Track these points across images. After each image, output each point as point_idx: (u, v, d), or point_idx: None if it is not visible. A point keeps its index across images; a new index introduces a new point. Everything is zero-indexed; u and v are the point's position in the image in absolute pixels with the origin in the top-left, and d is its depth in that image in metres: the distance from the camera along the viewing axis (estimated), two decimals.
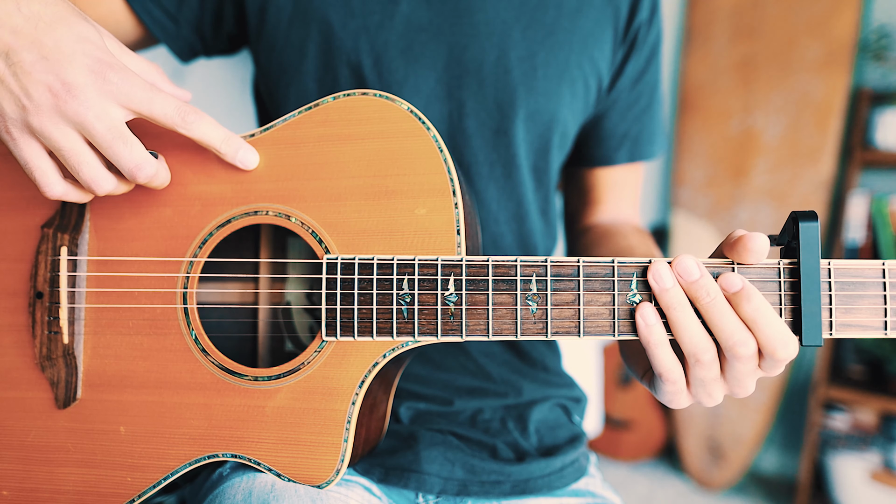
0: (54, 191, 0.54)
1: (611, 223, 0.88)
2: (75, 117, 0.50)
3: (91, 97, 0.50)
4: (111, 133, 0.51)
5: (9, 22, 0.49)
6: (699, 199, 2.49)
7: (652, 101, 0.85)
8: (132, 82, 0.52)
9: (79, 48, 0.50)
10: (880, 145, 2.16)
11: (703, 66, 2.50)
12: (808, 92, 2.26)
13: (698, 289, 0.50)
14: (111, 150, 0.52)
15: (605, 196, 0.90)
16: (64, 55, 0.49)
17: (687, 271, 0.51)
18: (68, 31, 0.50)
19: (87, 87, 0.50)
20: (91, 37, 0.52)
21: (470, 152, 0.75)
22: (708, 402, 0.53)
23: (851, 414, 2.25)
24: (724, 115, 2.44)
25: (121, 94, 0.51)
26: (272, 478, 0.58)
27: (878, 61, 2.23)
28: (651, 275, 0.52)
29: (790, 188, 2.29)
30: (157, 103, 0.53)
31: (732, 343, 0.49)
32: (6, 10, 0.49)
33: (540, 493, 0.70)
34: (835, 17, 2.22)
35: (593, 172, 0.89)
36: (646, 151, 0.87)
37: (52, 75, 0.49)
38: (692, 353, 0.50)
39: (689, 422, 2.48)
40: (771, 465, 2.58)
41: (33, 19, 0.49)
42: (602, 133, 0.85)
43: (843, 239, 2.21)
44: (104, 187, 0.54)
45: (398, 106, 0.58)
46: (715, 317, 0.50)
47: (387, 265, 0.56)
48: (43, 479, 0.61)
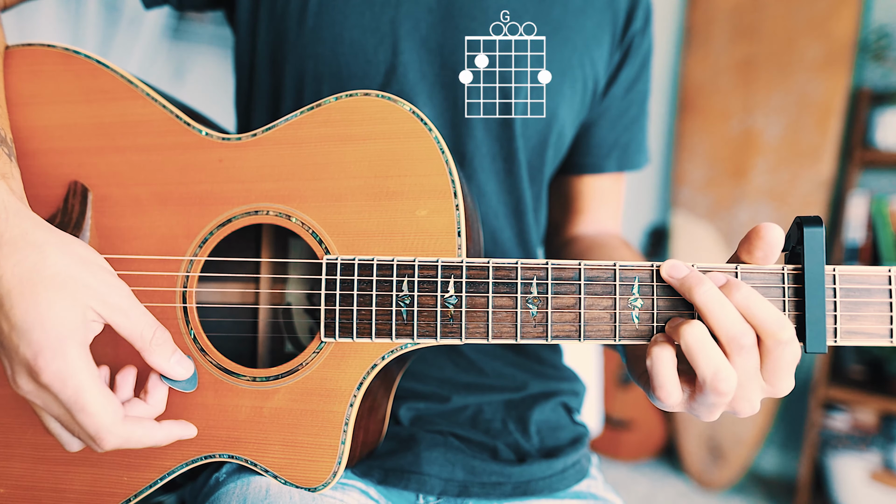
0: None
1: (596, 234, 0.89)
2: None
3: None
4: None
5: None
6: (699, 199, 2.49)
7: (641, 111, 0.87)
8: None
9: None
10: (880, 145, 2.16)
11: (703, 66, 2.49)
12: (808, 92, 2.25)
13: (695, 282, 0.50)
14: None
15: (589, 205, 0.90)
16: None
17: (676, 269, 0.51)
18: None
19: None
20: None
21: (473, 143, 0.75)
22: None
23: (851, 414, 2.25)
24: (724, 115, 2.44)
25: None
26: (267, 483, 0.58)
27: (878, 61, 2.23)
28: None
29: (790, 188, 2.29)
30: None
31: (734, 334, 0.48)
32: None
33: (541, 495, 0.69)
34: (835, 17, 2.22)
35: (580, 180, 0.89)
36: (633, 161, 0.88)
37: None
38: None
39: (689, 422, 2.48)
40: (771, 465, 2.58)
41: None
42: (592, 140, 0.85)
43: (843, 239, 2.21)
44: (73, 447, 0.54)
45: (400, 107, 0.58)
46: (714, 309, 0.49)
47: (387, 266, 0.56)
48: (40, 478, 0.61)
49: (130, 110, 0.64)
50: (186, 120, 0.63)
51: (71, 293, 0.49)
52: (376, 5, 0.72)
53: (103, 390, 0.50)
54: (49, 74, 0.65)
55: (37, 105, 0.65)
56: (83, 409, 0.49)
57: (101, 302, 0.50)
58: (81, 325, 0.49)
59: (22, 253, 0.49)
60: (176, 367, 0.54)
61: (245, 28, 0.78)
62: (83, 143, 0.64)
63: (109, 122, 0.64)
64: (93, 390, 0.49)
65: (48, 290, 0.48)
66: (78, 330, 0.49)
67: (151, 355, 0.53)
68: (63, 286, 0.49)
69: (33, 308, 0.48)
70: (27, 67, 0.65)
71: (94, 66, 0.64)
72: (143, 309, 0.53)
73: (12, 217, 0.50)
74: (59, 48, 0.65)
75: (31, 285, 0.48)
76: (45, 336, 0.47)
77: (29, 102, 0.65)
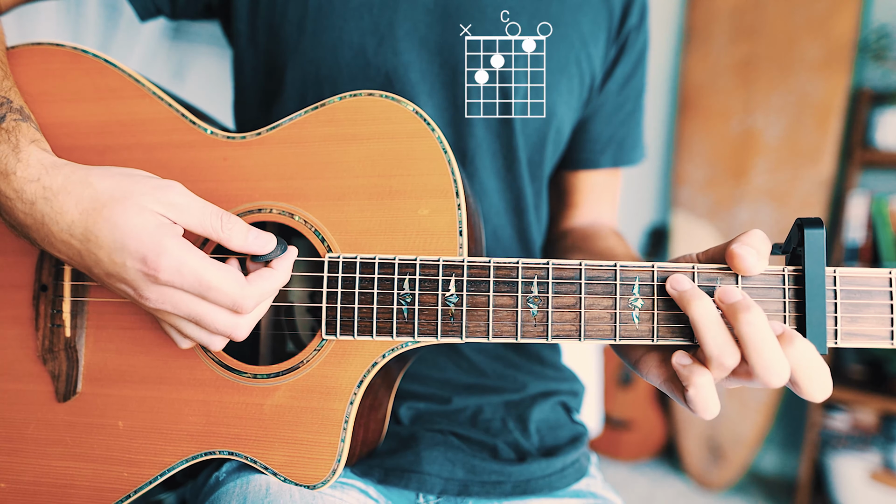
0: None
1: (588, 226, 0.89)
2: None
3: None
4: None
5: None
6: (699, 199, 2.49)
7: (637, 106, 0.87)
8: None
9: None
10: (880, 145, 2.16)
11: (703, 66, 2.49)
12: (808, 92, 2.25)
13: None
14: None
15: (584, 200, 0.90)
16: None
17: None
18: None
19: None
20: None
21: (474, 142, 0.75)
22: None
23: (851, 414, 2.25)
24: (724, 115, 2.44)
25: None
26: (267, 482, 0.58)
27: (878, 61, 2.23)
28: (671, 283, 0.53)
29: (790, 188, 2.29)
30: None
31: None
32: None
33: (541, 494, 0.70)
34: (835, 17, 2.22)
35: (576, 175, 0.89)
36: (629, 156, 0.88)
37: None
38: (715, 357, 0.50)
39: (689, 422, 2.48)
40: (771, 465, 2.58)
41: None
42: (588, 136, 0.85)
43: (843, 239, 2.21)
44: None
45: (403, 107, 0.59)
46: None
47: (388, 265, 0.56)
48: (41, 472, 0.62)
49: (137, 109, 0.64)
50: (192, 119, 0.63)
51: (134, 203, 0.51)
52: (375, 7, 0.72)
53: (217, 264, 0.52)
54: (57, 73, 0.65)
55: (45, 103, 0.65)
56: (209, 287, 0.51)
57: (161, 203, 0.52)
58: (160, 224, 0.52)
59: (76, 192, 0.52)
60: (255, 243, 0.55)
61: (243, 37, 0.78)
62: (89, 141, 0.64)
63: (116, 120, 0.64)
64: (209, 267, 0.51)
65: (115, 209, 0.51)
66: (162, 226, 0.51)
67: (229, 241, 0.55)
68: (123, 200, 0.51)
69: (114, 227, 0.51)
70: (36, 66, 0.65)
71: (101, 65, 0.65)
72: (201, 201, 0.54)
73: (51, 170, 0.53)
74: (67, 47, 0.65)
75: (98, 212, 0.51)
76: (140, 242, 0.50)
77: (37, 101, 0.65)
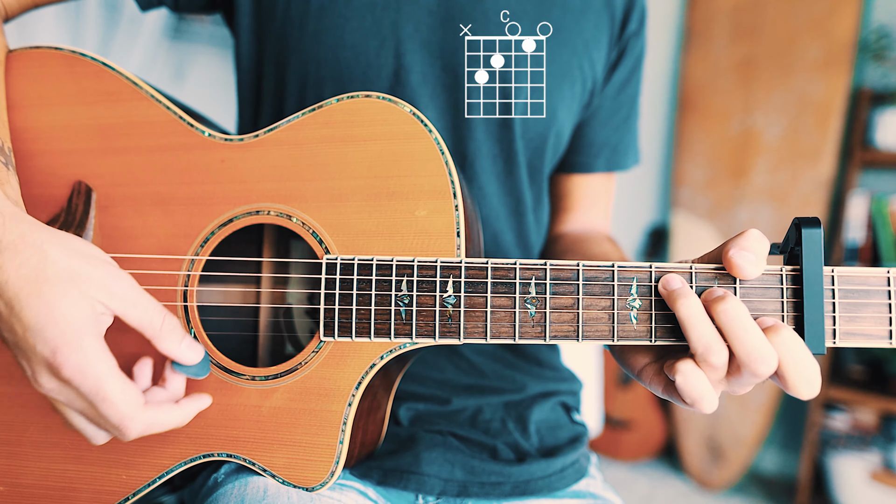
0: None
1: (582, 231, 0.89)
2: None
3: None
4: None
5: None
6: (699, 199, 2.49)
7: (631, 112, 0.87)
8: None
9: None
10: (880, 145, 2.16)
11: (703, 66, 2.49)
12: (808, 92, 2.25)
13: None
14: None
15: (578, 204, 0.90)
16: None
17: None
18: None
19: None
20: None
21: (474, 145, 0.75)
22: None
23: (851, 414, 2.25)
24: (724, 115, 2.44)
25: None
26: (265, 483, 0.58)
27: (878, 61, 2.23)
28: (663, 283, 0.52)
29: (790, 188, 2.29)
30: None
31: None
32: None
33: (540, 494, 0.70)
34: (835, 17, 2.22)
35: (570, 179, 0.89)
36: (623, 161, 0.88)
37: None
38: (701, 353, 0.50)
39: (689, 422, 2.48)
40: (771, 465, 2.58)
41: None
42: (583, 140, 0.85)
43: (843, 239, 2.21)
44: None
45: (400, 108, 0.58)
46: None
47: (386, 266, 0.56)
48: (39, 476, 0.61)
49: (135, 111, 0.64)
50: (189, 121, 0.63)
51: (77, 288, 0.49)
52: (377, 8, 0.72)
53: (122, 379, 0.50)
54: (54, 76, 0.65)
55: (42, 106, 0.65)
56: (105, 399, 0.49)
57: (108, 293, 0.50)
58: (92, 318, 0.49)
59: (24, 255, 0.49)
60: (187, 352, 0.55)
61: (245, 32, 0.78)
62: (87, 144, 0.64)
63: (114, 122, 0.64)
64: (113, 380, 0.49)
65: (54, 287, 0.48)
66: (90, 323, 0.49)
67: (162, 342, 0.53)
68: (69, 282, 0.49)
69: (43, 307, 0.48)
70: (33, 69, 0.65)
71: (99, 68, 0.65)
72: (149, 297, 0.53)
73: (9, 221, 0.50)
74: (65, 50, 0.65)
75: (38, 285, 0.48)
76: (60, 332, 0.48)
77: (34, 104, 0.65)
